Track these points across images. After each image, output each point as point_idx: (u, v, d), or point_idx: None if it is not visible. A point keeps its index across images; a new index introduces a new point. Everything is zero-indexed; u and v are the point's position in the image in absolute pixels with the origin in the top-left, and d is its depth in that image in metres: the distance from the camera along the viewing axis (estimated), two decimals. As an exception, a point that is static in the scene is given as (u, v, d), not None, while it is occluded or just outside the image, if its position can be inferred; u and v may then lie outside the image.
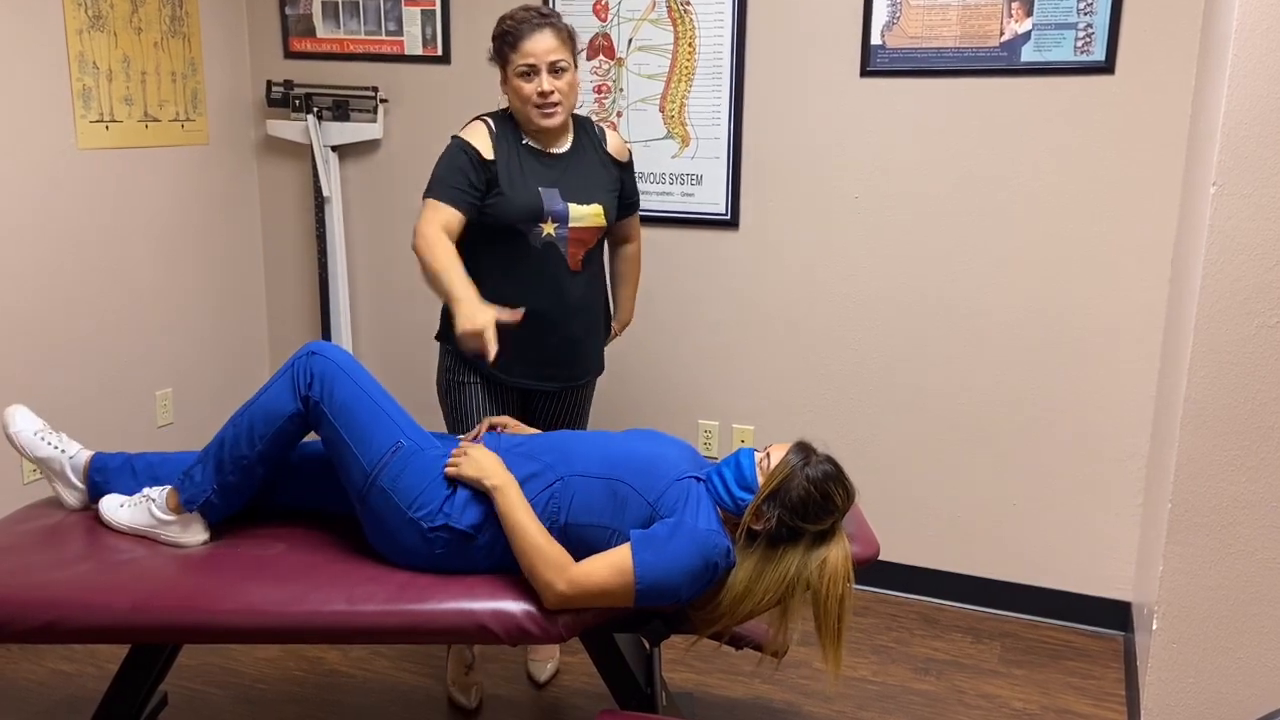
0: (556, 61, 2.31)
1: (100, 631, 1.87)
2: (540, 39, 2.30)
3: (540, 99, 2.32)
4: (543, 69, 2.30)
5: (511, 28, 2.32)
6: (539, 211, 2.36)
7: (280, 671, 2.74)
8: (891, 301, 3.07)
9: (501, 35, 2.34)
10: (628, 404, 3.41)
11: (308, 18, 3.54)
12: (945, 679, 2.76)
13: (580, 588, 1.84)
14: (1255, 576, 2.21)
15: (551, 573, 1.85)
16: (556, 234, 2.39)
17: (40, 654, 2.81)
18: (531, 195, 2.36)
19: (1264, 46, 2.01)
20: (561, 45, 2.33)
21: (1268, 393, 2.13)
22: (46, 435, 2.19)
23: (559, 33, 2.33)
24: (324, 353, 2.04)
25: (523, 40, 2.30)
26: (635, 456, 2.00)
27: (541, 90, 2.31)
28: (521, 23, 2.31)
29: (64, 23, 3.01)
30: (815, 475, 1.88)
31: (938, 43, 2.86)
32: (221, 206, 3.63)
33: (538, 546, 1.88)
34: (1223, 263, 2.11)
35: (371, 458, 1.99)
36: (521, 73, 2.31)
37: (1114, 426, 2.91)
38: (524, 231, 2.37)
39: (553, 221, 2.38)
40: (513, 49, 2.31)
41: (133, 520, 2.08)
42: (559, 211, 2.38)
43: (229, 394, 3.73)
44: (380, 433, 2.01)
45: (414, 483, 1.98)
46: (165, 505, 2.06)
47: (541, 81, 2.31)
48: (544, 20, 2.32)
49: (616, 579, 1.84)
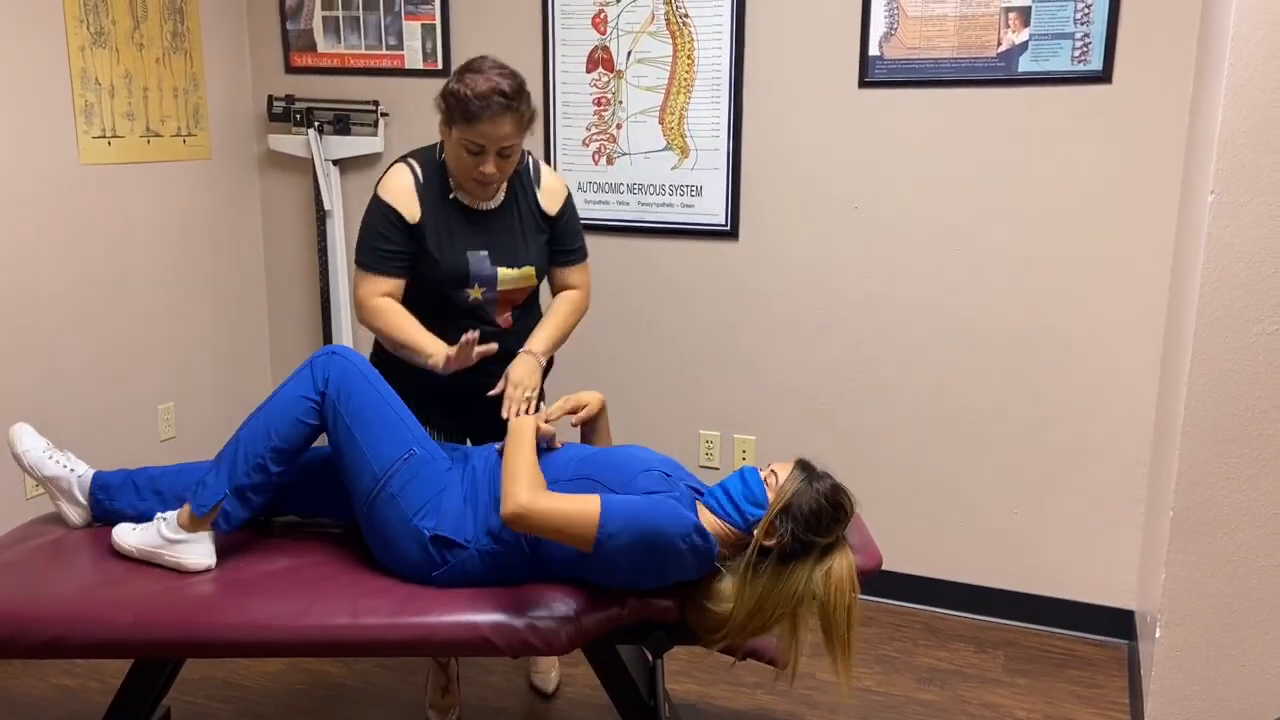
0: (506, 148, 2.16)
1: (103, 646, 1.87)
2: (496, 125, 2.12)
3: (480, 177, 2.18)
4: (490, 152, 2.15)
5: (469, 101, 2.11)
6: (466, 277, 2.26)
7: (283, 685, 2.74)
8: (892, 311, 3.07)
9: (458, 104, 2.13)
10: (629, 414, 3.42)
11: (309, 33, 3.56)
12: (949, 689, 2.76)
13: (541, 506, 1.81)
14: (1258, 583, 2.21)
15: (519, 485, 1.84)
16: (484, 297, 2.30)
17: (43, 669, 2.81)
18: (459, 260, 2.25)
19: (1260, 55, 2.02)
20: (516, 131, 2.16)
21: (1268, 400, 2.14)
22: (53, 454, 2.19)
23: (519, 119, 2.16)
24: (344, 354, 2.06)
25: (479, 122, 2.11)
26: (605, 455, 2.05)
27: (484, 171, 2.17)
28: (483, 101, 2.10)
29: (66, 39, 3.02)
30: (824, 488, 1.91)
31: (935, 53, 2.87)
32: (223, 221, 3.65)
33: (520, 463, 1.90)
34: (1221, 270, 2.12)
35: (383, 462, 2.00)
36: (468, 149, 2.15)
37: (1115, 434, 2.91)
38: (448, 295, 2.28)
39: (480, 286, 2.28)
40: (465, 123, 2.12)
41: (141, 542, 2.05)
42: (487, 277, 2.27)
43: (231, 408, 3.73)
44: (394, 439, 2.02)
45: (422, 491, 1.99)
46: (176, 523, 2.02)
47: (486, 163, 2.16)
48: (507, 106, 2.12)
49: (580, 514, 1.82)
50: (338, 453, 2.05)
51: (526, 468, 1.90)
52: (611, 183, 3.29)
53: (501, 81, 2.13)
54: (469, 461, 2.11)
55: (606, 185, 3.29)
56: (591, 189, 3.31)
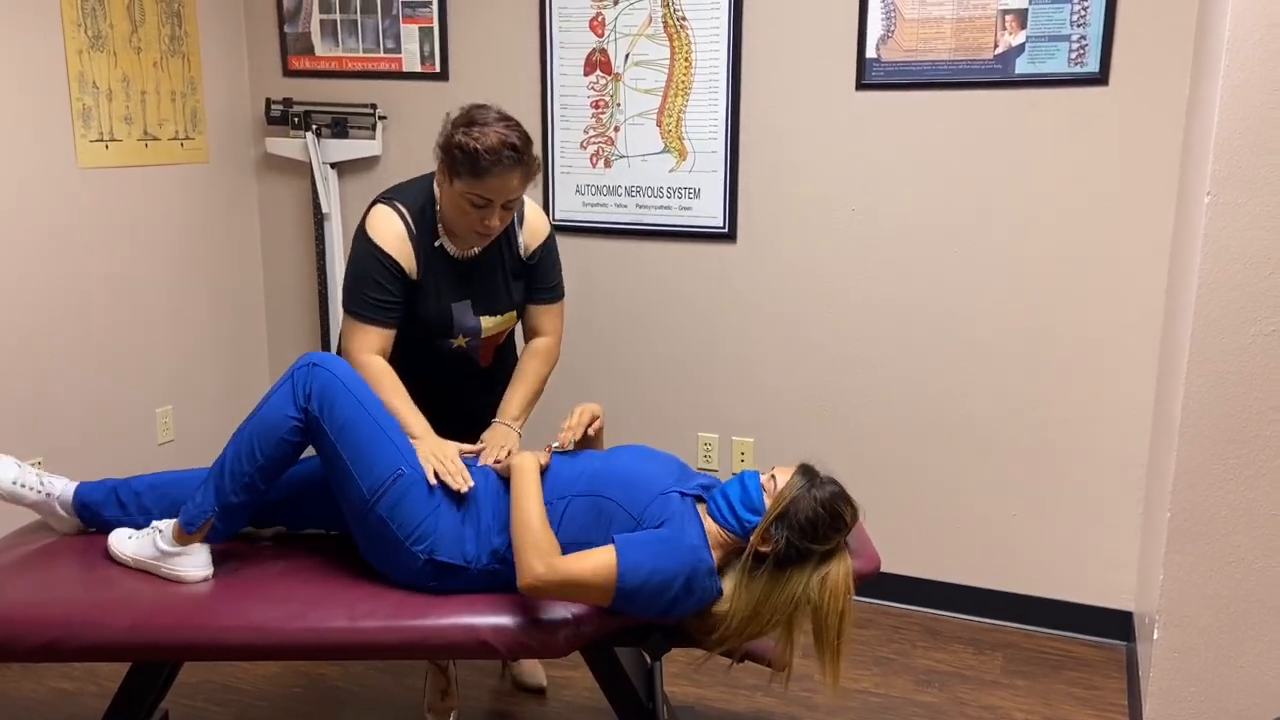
0: (512, 200, 2.10)
1: (100, 650, 1.87)
2: (508, 180, 2.05)
3: (484, 230, 2.12)
4: (497, 205, 2.08)
5: (478, 156, 2.02)
6: (451, 328, 2.24)
7: (281, 688, 2.74)
8: (889, 313, 3.08)
9: (465, 158, 2.03)
10: (627, 417, 3.42)
11: (306, 36, 3.57)
12: (947, 690, 2.76)
13: (559, 574, 1.82)
14: (1255, 584, 2.21)
15: (533, 555, 1.84)
16: (469, 344, 2.29)
17: (41, 673, 2.80)
18: (444, 312, 2.22)
19: (1257, 56, 2.03)
20: (523, 183, 2.09)
21: (1265, 401, 2.14)
22: (25, 480, 2.12)
23: (527, 172, 2.08)
24: (325, 364, 1.99)
25: (489, 177, 2.03)
26: (620, 473, 2.01)
27: (489, 224, 2.11)
28: (492, 154, 2.01)
29: (64, 43, 3.03)
30: (823, 496, 1.89)
31: (932, 55, 2.87)
32: (221, 224, 3.65)
33: (530, 527, 1.87)
34: (1218, 272, 2.12)
35: (371, 483, 1.96)
36: (473, 202, 2.08)
37: (1113, 436, 2.91)
38: (432, 342, 2.26)
39: (464, 336, 2.27)
40: (473, 176, 2.04)
41: (137, 553, 2.03)
42: (471, 327, 2.25)
43: (229, 411, 3.73)
44: (381, 457, 1.97)
45: (413, 513, 1.96)
46: (171, 536, 2.01)
47: (491, 216, 2.09)
48: (517, 160, 2.04)
49: (597, 573, 1.83)
50: (326, 467, 2.02)
51: (536, 531, 1.87)
52: (609, 185, 3.29)
53: (510, 134, 2.05)
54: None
55: (604, 188, 3.30)
56: (589, 192, 3.32)
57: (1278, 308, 2.10)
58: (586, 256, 3.36)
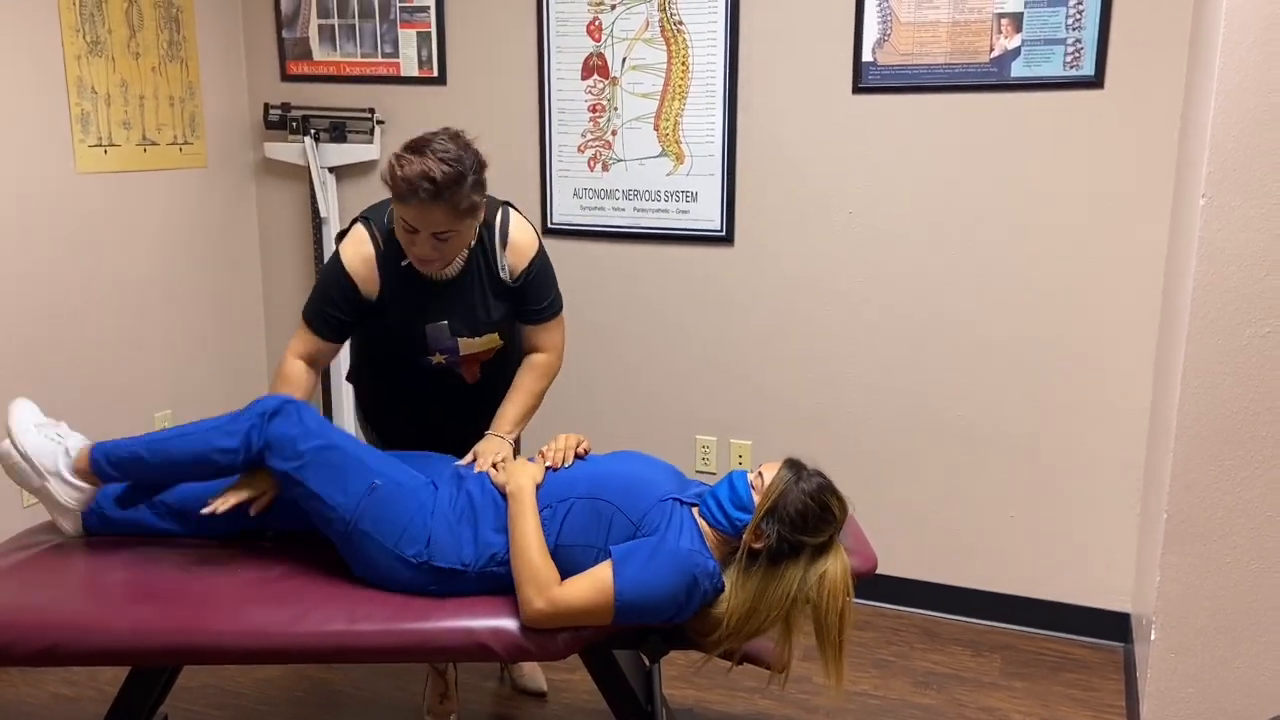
0: (441, 233, 2.00)
1: (100, 654, 1.87)
2: (427, 212, 1.96)
3: (414, 256, 2.06)
4: (425, 234, 2.01)
5: (397, 183, 1.95)
6: (424, 348, 2.21)
7: (281, 692, 2.74)
8: (886, 316, 3.08)
9: (390, 182, 1.98)
10: (625, 420, 3.42)
11: (304, 41, 3.57)
12: (946, 692, 2.76)
13: (559, 607, 1.86)
14: (1252, 585, 2.22)
15: (532, 589, 1.87)
16: (448, 361, 2.25)
17: (41, 677, 2.81)
18: (416, 333, 2.18)
19: (1251, 60, 2.04)
20: (450, 219, 1.98)
21: (1261, 402, 2.14)
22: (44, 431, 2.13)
23: (452, 209, 1.97)
24: (281, 411, 2.00)
25: (405, 204, 1.97)
26: (619, 477, 2.02)
27: (416, 254, 2.05)
28: (409, 186, 1.93)
29: (62, 49, 3.03)
30: (810, 488, 1.90)
31: (928, 59, 2.88)
32: (220, 228, 3.65)
33: (528, 558, 1.90)
34: (1213, 274, 2.13)
35: (349, 505, 1.96)
36: (404, 227, 2.02)
37: (1109, 438, 2.92)
38: (414, 357, 2.24)
39: (442, 354, 2.23)
40: (397, 200, 1.99)
41: (38, 451, 2.04)
42: (448, 347, 2.21)
43: (228, 415, 3.73)
44: (351, 477, 1.98)
45: (396, 518, 1.97)
46: (74, 467, 2.04)
47: (419, 244, 2.02)
48: (435, 195, 1.94)
49: (595, 597, 1.86)
50: (304, 509, 2.02)
51: (535, 564, 1.89)
52: (607, 189, 3.30)
53: (436, 168, 1.93)
54: (463, 484, 2.08)
55: (602, 191, 3.30)
56: (587, 195, 3.32)
57: (1273, 309, 2.11)
58: (584, 260, 3.37)
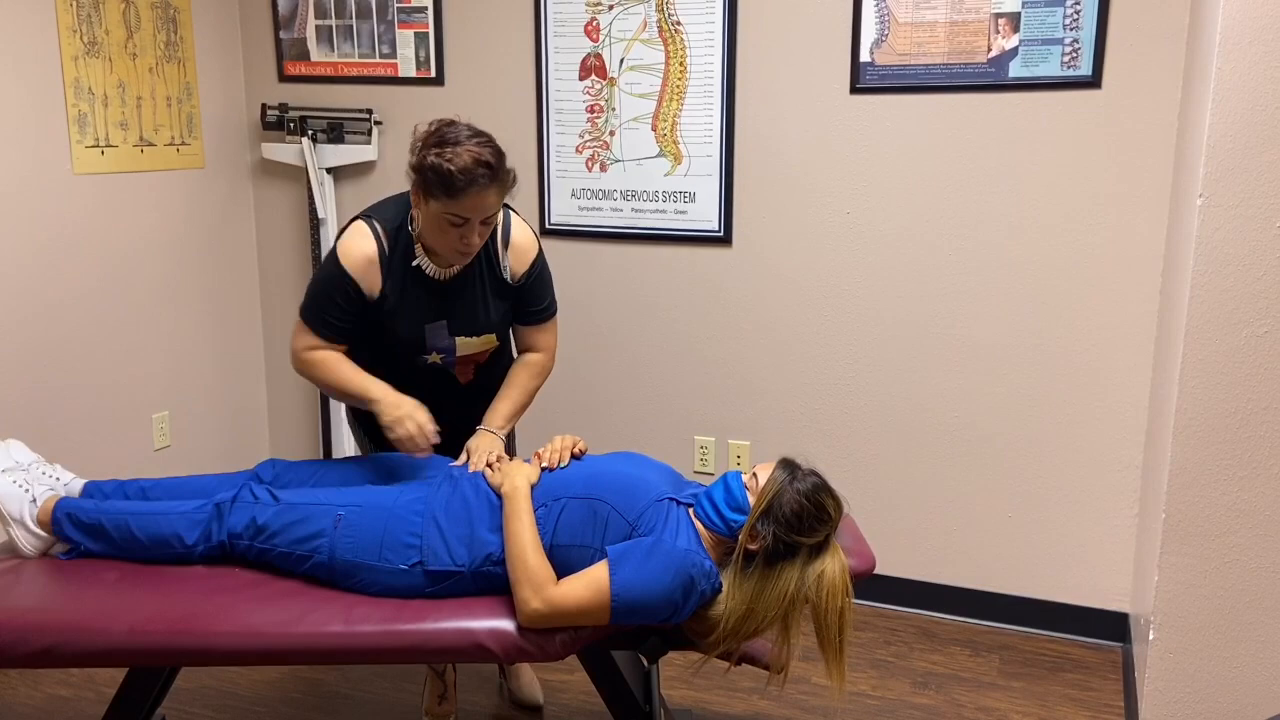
0: (490, 217, 2.07)
1: (98, 655, 1.87)
2: (484, 198, 2.01)
3: (463, 249, 2.09)
4: (475, 223, 2.05)
5: (453, 178, 1.98)
6: (422, 346, 2.22)
7: (279, 693, 2.74)
8: (884, 315, 3.08)
9: (438, 179, 1.99)
10: (623, 420, 3.42)
11: (302, 41, 3.57)
12: (944, 692, 2.76)
13: (556, 607, 1.86)
14: (1250, 585, 2.22)
15: (528, 590, 1.87)
16: (444, 361, 2.26)
17: (38, 679, 2.80)
18: (416, 331, 2.20)
19: (1248, 60, 2.04)
20: (499, 200, 2.06)
21: (1258, 401, 2.15)
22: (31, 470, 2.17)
23: (503, 188, 2.06)
24: (237, 499, 2.05)
25: (464, 196, 1.99)
26: (616, 477, 2.02)
27: (470, 244, 2.08)
28: (468, 176, 1.98)
29: (59, 49, 3.03)
30: (805, 488, 1.90)
31: (926, 59, 2.89)
32: (217, 229, 3.65)
33: (524, 559, 1.89)
34: (1211, 274, 2.13)
35: (323, 545, 1.98)
36: (451, 222, 2.04)
37: (1108, 438, 2.92)
38: (408, 355, 2.25)
39: (438, 354, 2.25)
40: (448, 197, 2.00)
41: (5, 496, 2.07)
42: (445, 346, 2.23)
43: (226, 416, 3.73)
44: (314, 522, 2.00)
45: (371, 536, 1.98)
46: (37, 516, 2.08)
47: (470, 234, 2.06)
48: (491, 178, 2.01)
49: (592, 598, 1.85)
50: (287, 571, 2.04)
51: (531, 565, 1.89)
52: (605, 189, 3.30)
53: (483, 151, 2.01)
54: (457, 486, 2.07)
55: (600, 192, 3.30)
56: (585, 196, 3.32)
57: (1270, 309, 2.11)
58: (582, 260, 3.37)
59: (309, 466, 2.23)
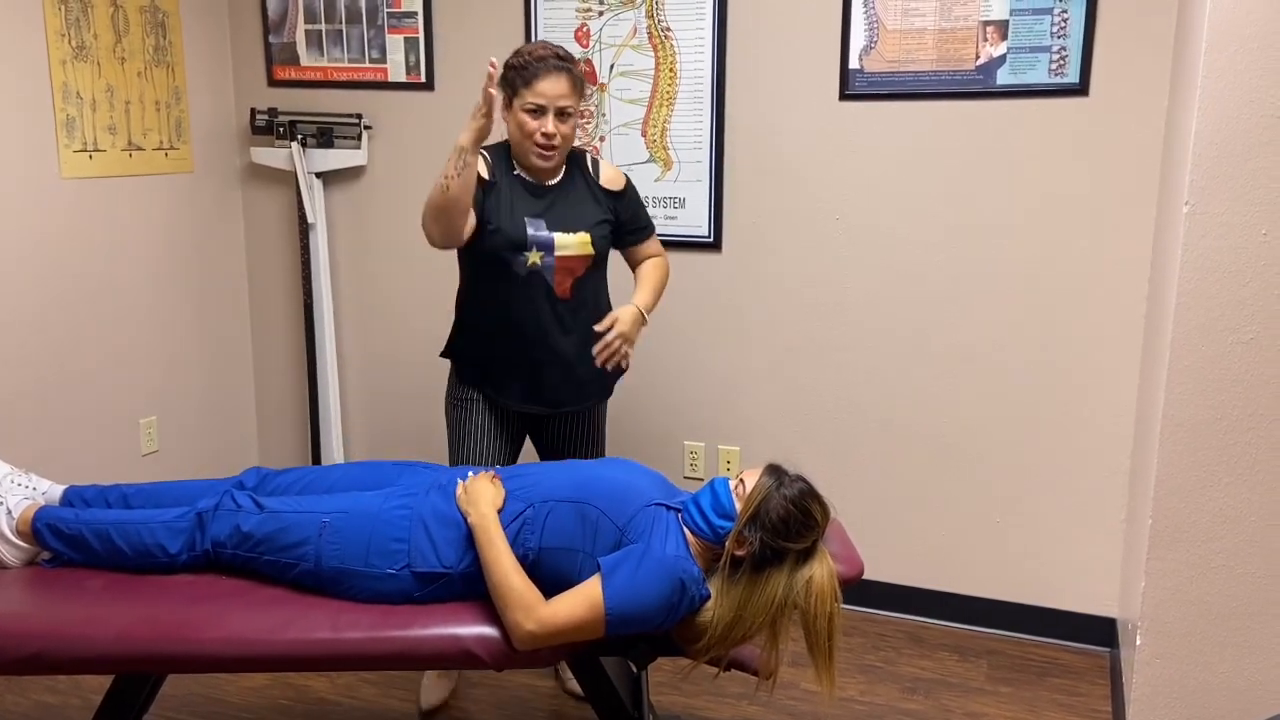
0: (565, 107, 2.34)
1: (84, 662, 1.86)
2: (555, 83, 2.32)
3: (543, 139, 2.35)
4: (550, 111, 2.33)
5: (529, 64, 2.33)
6: (523, 240, 2.39)
7: (266, 700, 2.73)
8: (873, 321, 3.09)
9: (518, 68, 2.34)
10: (613, 426, 3.42)
11: (291, 46, 3.57)
12: (933, 698, 2.77)
13: (549, 626, 1.85)
14: (1236, 590, 2.23)
15: (519, 613, 1.86)
16: (543, 262, 2.41)
17: (24, 686, 2.79)
18: (518, 225, 2.39)
19: (1233, 69, 2.05)
20: (572, 91, 2.35)
21: (1244, 407, 2.16)
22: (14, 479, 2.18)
23: (574, 80, 2.35)
24: (219, 507, 2.05)
25: (538, 80, 2.32)
26: (605, 481, 2.02)
27: (545, 131, 2.34)
28: (540, 62, 2.33)
29: (47, 53, 3.02)
30: (792, 494, 1.90)
31: (915, 66, 2.90)
32: (206, 234, 3.64)
33: (508, 584, 1.88)
34: (1197, 280, 2.14)
35: (308, 553, 1.99)
36: (529, 109, 2.34)
37: (1095, 444, 2.93)
38: (509, 260, 2.40)
39: (538, 250, 2.40)
40: (525, 85, 2.33)
41: None
42: (544, 240, 2.40)
43: (214, 421, 3.72)
44: (299, 530, 2.01)
45: (357, 541, 1.98)
46: (17, 526, 2.07)
47: (547, 123, 2.34)
48: (562, 65, 2.34)
49: (586, 614, 1.85)
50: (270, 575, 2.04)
51: (516, 589, 1.87)
52: (595, 195, 3.29)
53: (556, 48, 2.38)
54: (445, 493, 2.07)
55: (590, 197, 3.30)
56: (575, 201, 3.32)
57: (1256, 315, 2.12)
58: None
59: (293, 473, 2.23)
